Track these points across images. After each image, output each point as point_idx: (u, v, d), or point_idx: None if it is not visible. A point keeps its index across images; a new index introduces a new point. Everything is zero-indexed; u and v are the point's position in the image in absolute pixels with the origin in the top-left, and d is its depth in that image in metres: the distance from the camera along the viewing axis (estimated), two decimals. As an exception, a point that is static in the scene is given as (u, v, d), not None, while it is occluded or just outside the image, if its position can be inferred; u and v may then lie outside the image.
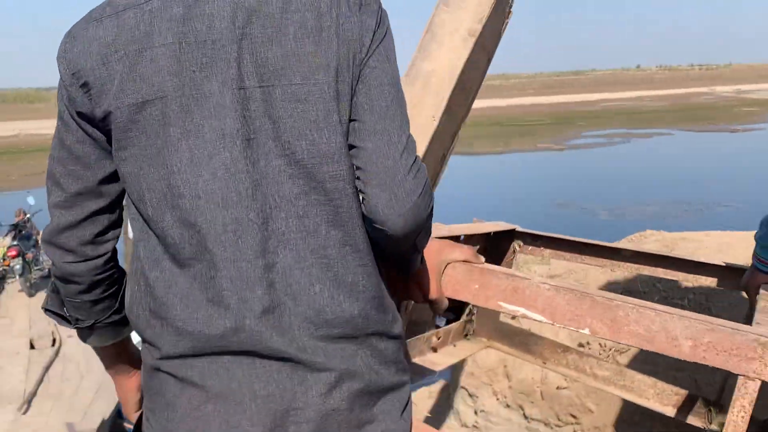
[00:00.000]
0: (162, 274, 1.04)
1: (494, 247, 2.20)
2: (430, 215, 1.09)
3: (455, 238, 1.92)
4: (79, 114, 1.04)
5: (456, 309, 2.19)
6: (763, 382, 1.21)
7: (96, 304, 1.17)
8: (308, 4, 1.02)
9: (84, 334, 1.23)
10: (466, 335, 2.22)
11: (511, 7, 2.13)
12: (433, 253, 1.38)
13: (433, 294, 1.37)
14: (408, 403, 1.16)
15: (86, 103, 1.02)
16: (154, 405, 1.08)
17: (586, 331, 1.32)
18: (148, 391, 1.10)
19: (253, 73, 1.00)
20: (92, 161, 1.07)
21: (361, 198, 1.05)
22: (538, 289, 1.36)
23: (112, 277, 1.17)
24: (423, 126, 1.97)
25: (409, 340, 1.95)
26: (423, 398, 4.24)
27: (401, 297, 1.39)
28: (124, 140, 1.02)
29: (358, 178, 1.04)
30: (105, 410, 6.61)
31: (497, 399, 3.49)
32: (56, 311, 1.22)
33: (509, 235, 2.21)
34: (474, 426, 3.58)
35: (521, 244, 2.22)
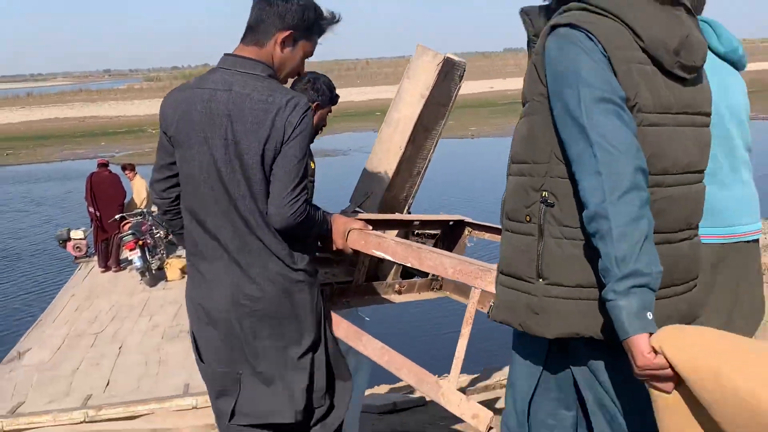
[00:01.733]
0: (189, 224, 2.31)
1: (451, 232, 3.28)
2: (302, 223, 2.09)
3: (409, 222, 3.06)
4: (164, 132, 2.14)
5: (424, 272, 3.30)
6: (483, 290, 2.22)
7: (171, 222, 2.35)
8: (262, 107, 2.02)
9: (175, 237, 2.53)
10: (433, 289, 3.32)
11: (461, 78, 3.21)
12: (340, 224, 2.55)
13: (339, 246, 2.55)
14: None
15: (166, 128, 2.13)
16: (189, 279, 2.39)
17: (409, 264, 2.44)
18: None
19: (231, 133, 2.03)
20: (169, 152, 2.16)
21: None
22: (389, 243, 2.47)
23: (177, 209, 2.25)
24: (393, 152, 3.15)
25: (375, 283, 3.11)
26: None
27: (326, 248, 2.61)
28: (176, 147, 2.12)
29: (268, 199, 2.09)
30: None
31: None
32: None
33: (461, 223, 3.27)
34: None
35: (471, 230, 3.28)
